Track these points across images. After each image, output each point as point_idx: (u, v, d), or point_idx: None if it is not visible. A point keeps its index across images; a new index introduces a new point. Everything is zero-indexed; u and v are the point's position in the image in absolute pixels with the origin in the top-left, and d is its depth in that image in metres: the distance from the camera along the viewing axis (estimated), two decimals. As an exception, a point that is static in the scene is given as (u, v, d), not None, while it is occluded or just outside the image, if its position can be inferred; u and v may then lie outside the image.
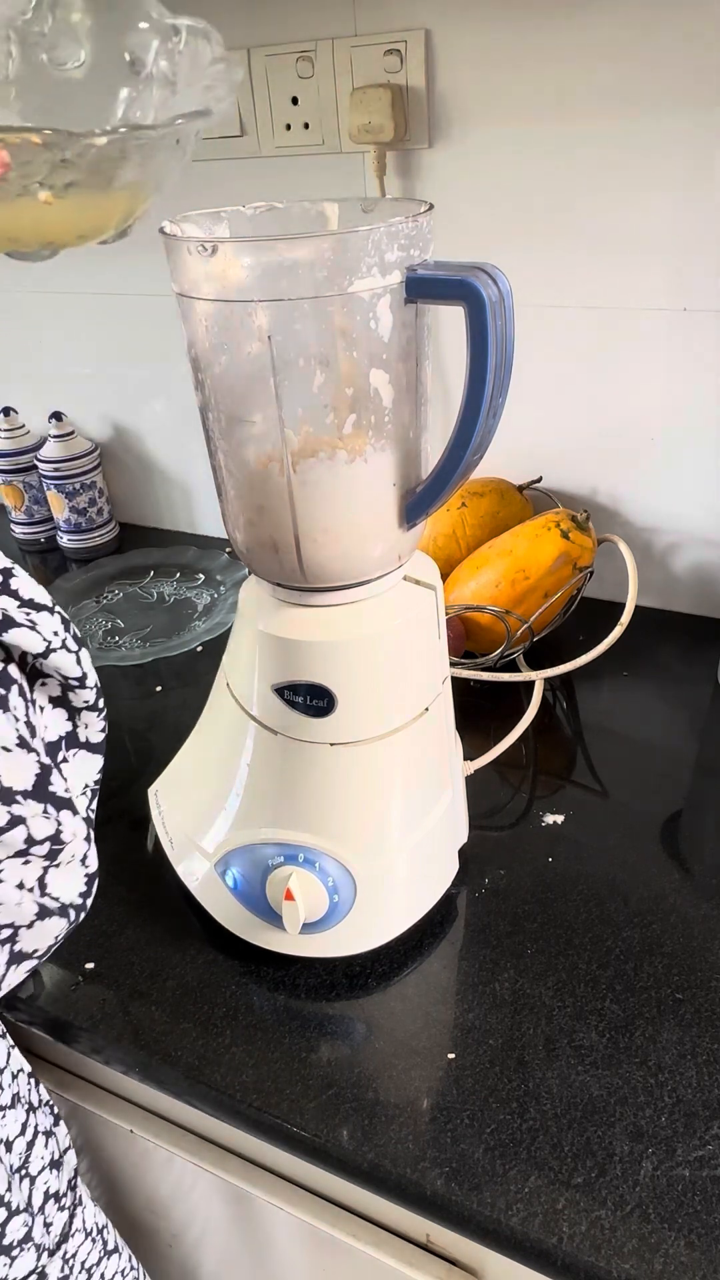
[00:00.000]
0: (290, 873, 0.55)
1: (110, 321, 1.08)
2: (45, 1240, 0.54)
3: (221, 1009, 0.57)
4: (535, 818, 0.70)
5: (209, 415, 0.51)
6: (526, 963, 0.59)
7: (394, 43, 0.79)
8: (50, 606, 0.36)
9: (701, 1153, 0.48)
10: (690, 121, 0.73)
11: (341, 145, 0.85)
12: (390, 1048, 0.54)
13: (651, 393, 0.85)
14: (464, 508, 0.90)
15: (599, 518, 0.92)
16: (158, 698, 0.87)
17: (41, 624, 0.35)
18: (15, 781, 0.32)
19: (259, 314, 0.45)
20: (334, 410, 0.47)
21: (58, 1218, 0.55)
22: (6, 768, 0.32)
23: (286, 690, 0.53)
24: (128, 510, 1.24)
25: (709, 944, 0.59)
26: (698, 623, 0.92)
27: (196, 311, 0.47)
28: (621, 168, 0.77)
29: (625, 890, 0.63)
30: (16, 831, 0.32)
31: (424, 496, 0.51)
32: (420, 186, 0.85)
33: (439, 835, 0.61)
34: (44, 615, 0.35)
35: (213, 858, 0.60)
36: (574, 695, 0.84)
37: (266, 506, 0.51)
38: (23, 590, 0.34)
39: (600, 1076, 0.52)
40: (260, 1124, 0.52)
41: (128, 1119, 0.64)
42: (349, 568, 0.52)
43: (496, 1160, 0.49)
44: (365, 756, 0.55)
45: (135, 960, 0.61)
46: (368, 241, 0.43)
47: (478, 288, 0.43)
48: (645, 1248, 0.45)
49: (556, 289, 0.84)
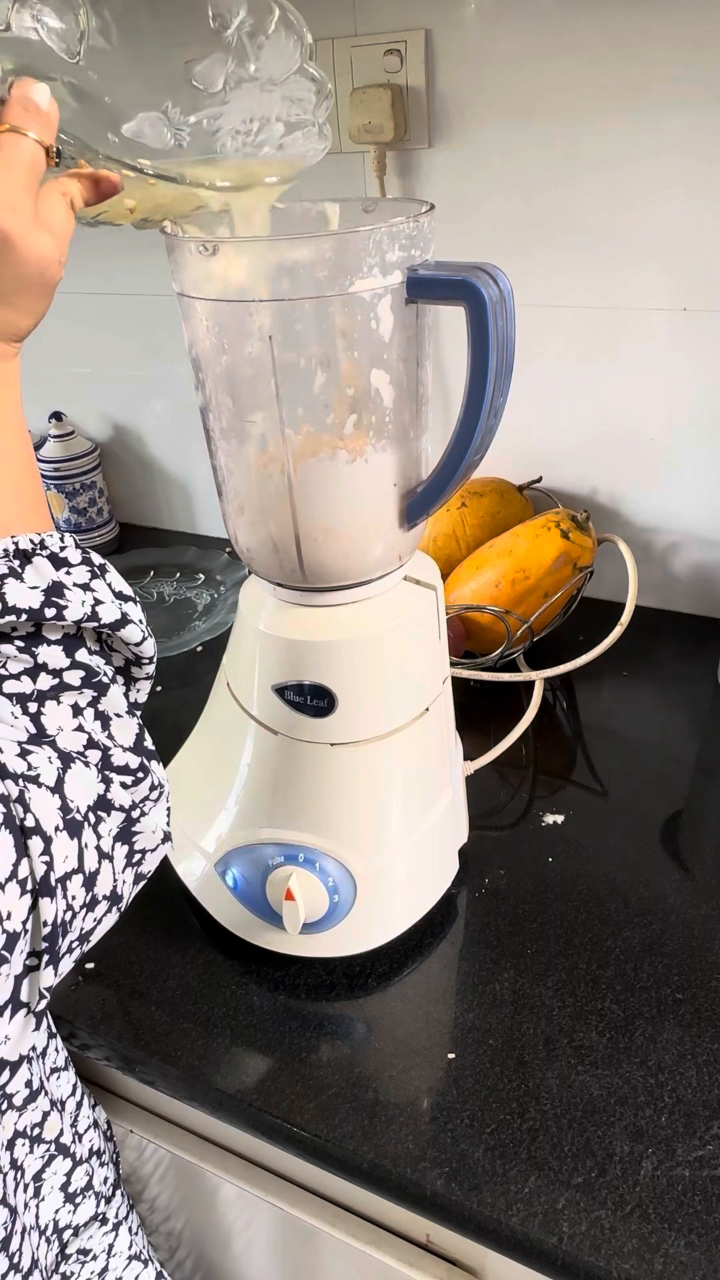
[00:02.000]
0: (290, 873, 0.55)
1: (110, 321, 1.08)
2: (104, 1189, 0.58)
3: (221, 1009, 0.57)
4: (535, 818, 0.70)
5: (209, 415, 0.51)
6: (526, 963, 0.59)
7: (394, 43, 0.79)
8: (134, 597, 0.41)
9: (701, 1153, 0.48)
10: (690, 121, 0.73)
11: (341, 145, 0.85)
12: (390, 1048, 0.54)
13: (651, 393, 0.85)
14: (464, 508, 0.90)
15: (599, 518, 0.92)
16: (158, 698, 0.87)
17: (133, 615, 0.40)
18: (126, 740, 0.39)
19: (260, 314, 0.45)
20: (334, 410, 0.47)
21: (100, 1171, 0.58)
22: (119, 730, 0.39)
23: (287, 690, 0.53)
24: (128, 510, 1.24)
25: (709, 944, 0.59)
26: (698, 623, 0.92)
27: (197, 311, 0.47)
28: (622, 168, 0.77)
29: (625, 890, 0.63)
30: (147, 780, 0.40)
31: (424, 496, 0.51)
32: (420, 186, 0.85)
33: (439, 835, 0.61)
34: (133, 607, 0.41)
35: (213, 858, 0.60)
36: (574, 695, 0.84)
37: (267, 506, 0.51)
38: (115, 584, 0.40)
39: (600, 1076, 0.52)
40: (260, 1124, 0.52)
41: (128, 1119, 0.64)
42: (349, 568, 0.52)
43: (496, 1160, 0.49)
44: (366, 757, 0.55)
45: (135, 960, 0.61)
46: (368, 242, 0.43)
47: (478, 288, 0.43)
48: (645, 1248, 0.45)
49: (556, 289, 0.84)
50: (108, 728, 0.39)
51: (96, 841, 0.36)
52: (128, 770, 0.39)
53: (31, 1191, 0.52)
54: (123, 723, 0.40)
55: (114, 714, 0.40)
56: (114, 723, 0.39)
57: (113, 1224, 0.59)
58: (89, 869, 0.36)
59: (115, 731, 0.39)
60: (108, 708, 0.39)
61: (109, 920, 0.38)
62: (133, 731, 0.40)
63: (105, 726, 0.39)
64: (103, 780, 0.37)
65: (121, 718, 0.40)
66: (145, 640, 0.41)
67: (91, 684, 0.39)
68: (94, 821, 0.36)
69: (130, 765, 0.39)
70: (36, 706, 0.37)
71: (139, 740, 0.40)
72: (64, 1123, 0.54)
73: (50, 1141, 0.53)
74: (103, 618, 0.39)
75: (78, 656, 0.39)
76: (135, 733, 0.40)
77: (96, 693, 0.39)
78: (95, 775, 0.37)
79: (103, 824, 0.37)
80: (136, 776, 0.39)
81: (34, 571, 0.37)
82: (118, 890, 0.38)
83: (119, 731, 0.39)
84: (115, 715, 0.40)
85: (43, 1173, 0.53)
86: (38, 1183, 0.53)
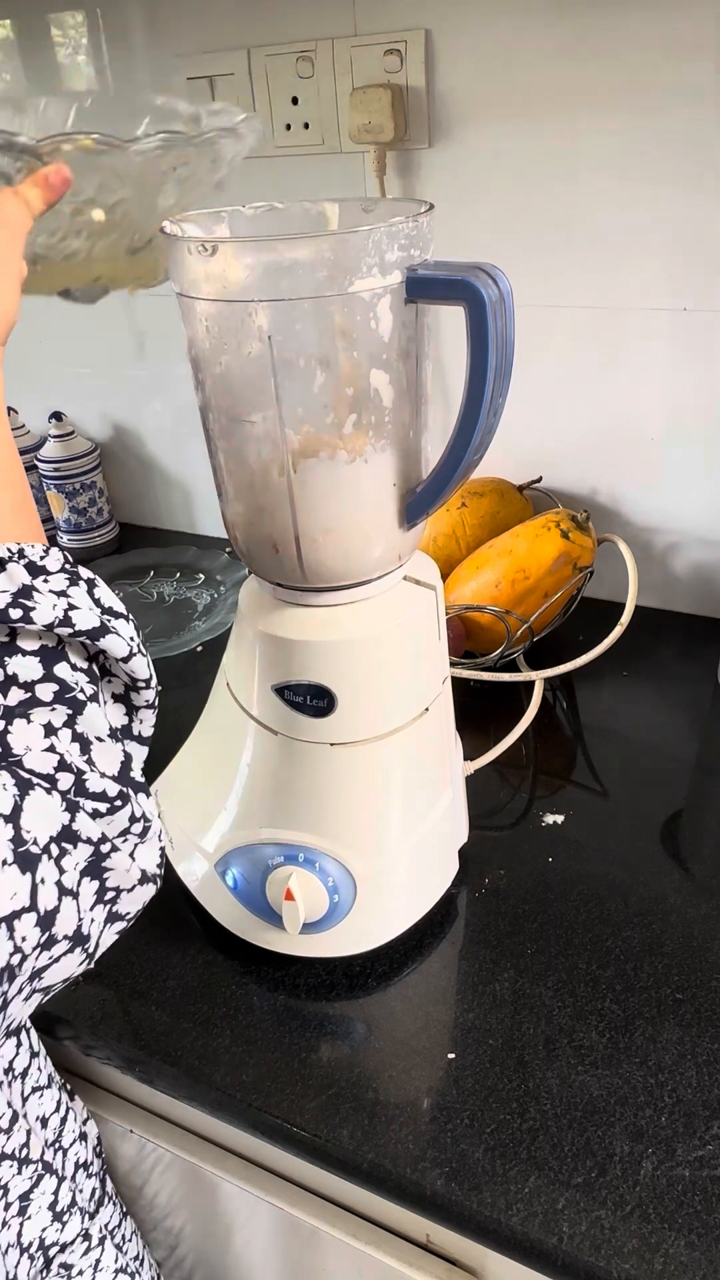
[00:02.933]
0: (290, 873, 0.55)
1: (110, 321, 1.08)
2: (89, 1206, 0.57)
3: (221, 1009, 0.57)
4: (535, 818, 0.70)
5: (209, 415, 0.51)
6: (526, 963, 0.59)
7: (394, 43, 0.79)
8: (126, 615, 0.40)
9: (701, 1153, 0.48)
10: (690, 121, 0.73)
11: (341, 145, 0.85)
12: (390, 1048, 0.54)
13: (651, 393, 0.85)
14: (464, 508, 0.90)
15: (599, 518, 0.92)
16: (158, 698, 0.87)
17: (121, 630, 0.38)
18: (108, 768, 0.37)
19: (259, 314, 0.45)
20: (334, 410, 0.47)
21: (87, 1185, 0.57)
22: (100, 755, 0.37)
23: (286, 690, 0.53)
24: (128, 510, 1.24)
25: (709, 944, 0.59)
26: (698, 623, 0.92)
27: (197, 311, 0.47)
28: (622, 167, 0.77)
29: (625, 890, 0.63)
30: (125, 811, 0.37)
31: (424, 496, 0.51)
32: (420, 186, 0.85)
33: (439, 835, 0.61)
34: (122, 623, 0.39)
35: (213, 858, 0.60)
36: (574, 695, 0.84)
37: (266, 506, 0.51)
38: (104, 599, 0.39)
39: (600, 1076, 0.52)
40: (260, 1124, 0.52)
41: (128, 1119, 0.64)
42: (349, 568, 0.52)
43: (496, 1160, 0.49)
44: (365, 756, 0.55)
45: (135, 960, 0.61)
46: (368, 241, 0.43)
47: (478, 288, 0.43)
48: (645, 1248, 0.45)
49: (556, 289, 0.84)
50: (87, 751, 0.36)
51: (58, 876, 0.34)
52: (104, 798, 0.36)
53: (15, 1210, 0.52)
54: (105, 748, 0.37)
55: (95, 737, 0.37)
56: (95, 747, 0.37)
57: (98, 1239, 0.58)
58: (45, 907, 0.33)
59: (97, 756, 0.36)
60: (86, 729, 0.37)
61: (70, 961, 0.35)
62: (117, 759, 0.37)
63: (85, 750, 0.36)
64: (68, 809, 0.34)
65: (104, 742, 0.37)
66: (134, 656, 0.39)
67: (65, 700, 0.36)
68: (56, 854, 0.34)
69: (108, 793, 0.36)
70: (3, 724, 0.35)
71: (124, 769, 0.38)
72: (46, 1139, 0.54)
73: (37, 1161, 0.52)
74: (78, 624, 0.37)
75: (55, 670, 0.36)
76: (120, 760, 0.38)
77: (71, 710, 0.36)
78: (59, 803, 0.34)
79: (67, 857, 0.34)
80: (113, 805, 0.36)
81: (5, 577, 0.36)
82: (83, 930, 0.35)
83: (101, 757, 0.37)
84: (97, 739, 0.37)
85: (30, 1193, 0.52)
86: (24, 1202, 0.52)
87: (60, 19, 0.92)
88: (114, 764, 0.37)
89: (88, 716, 0.37)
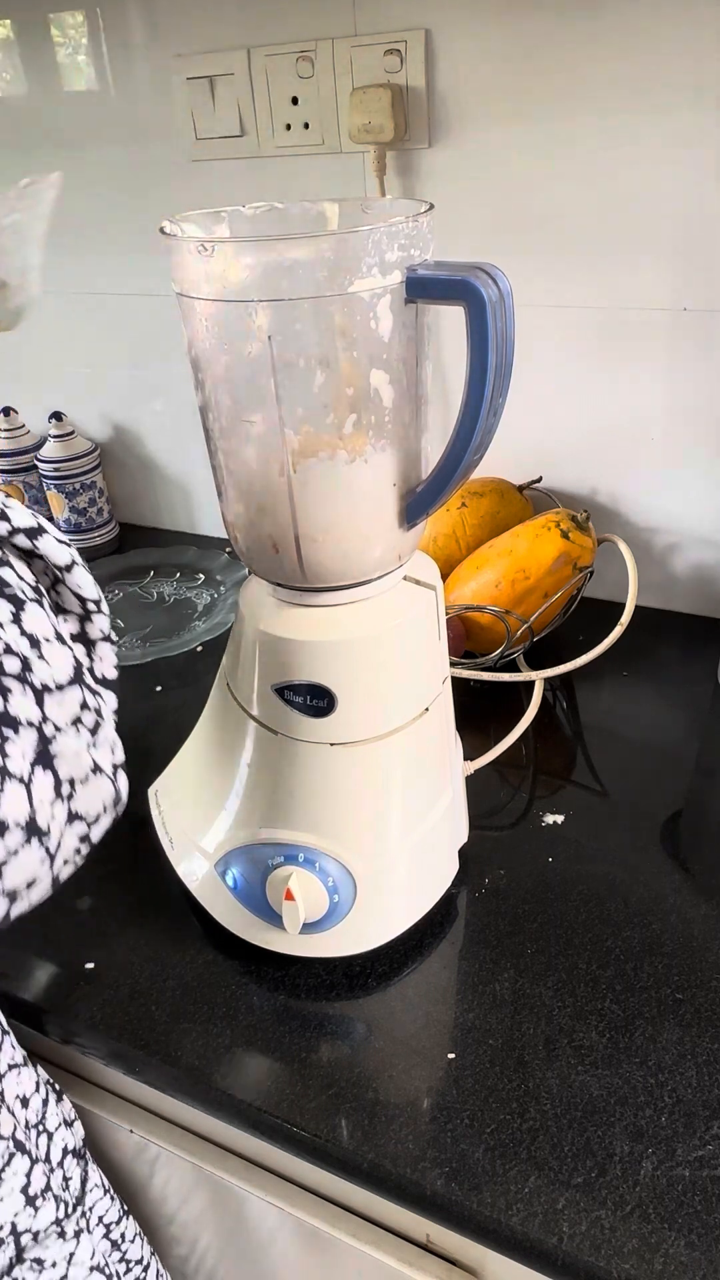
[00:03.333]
0: (290, 873, 0.55)
1: (110, 321, 1.08)
2: (65, 1195, 0.56)
3: (221, 1009, 0.57)
4: (535, 818, 0.70)
5: (209, 415, 0.51)
6: (526, 963, 0.59)
7: (394, 43, 0.79)
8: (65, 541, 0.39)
9: (701, 1153, 0.48)
10: (690, 121, 0.73)
11: (341, 145, 0.85)
12: (390, 1048, 0.54)
13: (651, 393, 0.85)
14: (464, 508, 0.90)
15: (599, 518, 0.92)
16: (158, 698, 0.87)
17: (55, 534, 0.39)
18: (59, 664, 0.37)
19: (259, 314, 0.45)
20: (334, 410, 0.47)
21: (75, 1170, 0.57)
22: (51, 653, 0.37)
23: (286, 690, 0.53)
24: (128, 510, 1.24)
25: (709, 944, 0.59)
26: (698, 623, 0.92)
27: (196, 311, 0.47)
28: (621, 168, 0.77)
29: (625, 890, 0.63)
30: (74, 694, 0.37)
31: (424, 496, 0.51)
32: (420, 186, 0.85)
33: (439, 835, 0.61)
34: (55, 529, 0.39)
35: (213, 858, 0.60)
36: (574, 695, 0.84)
37: (266, 506, 0.51)
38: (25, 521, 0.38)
39: (600, 1076, 0.52)
40: (260, 1124, 0.52)
41: (128, 1119, 0.64)
42: (349, 568, 0.52)
43: (496, 1160, 0.49)
44: (365, 756, 0.55)
45: (135, 960, 0.61)
46: (368, 241, 0.43)
47: (478, 288, 0.43)
48: (645, 1248, 0.45)
49: (556, 289, 0.84)
50: (37, 647, 0.36)
51: (1, 762, 0.33)
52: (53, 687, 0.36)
53: None
54: (55, 649, 0.37)
55: (44, 638, 0.37)
56: (44, 645, 0.37)
57: (73, 1233, 0.57)
58: None
59: (47, 653, 0.37)
60: (34, 629, 0.36)
61: (29, 857, 0.34)
62: (69, 659, 0.37)
63: (34, 646, 0.36)
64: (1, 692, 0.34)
65: (51, 643, 0.37)
66: (76, 566, 0.39)
67: (4, 595, 0.36)
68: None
69: (58, 681, 0.36)
70: None
71: (78, 670, 0.37)
72: (28, 1120, 0.53)
73: (7, 1138, 0.51)
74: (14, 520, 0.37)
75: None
76: (73, 664, 0.37)
77: (14, 608, 0.36)
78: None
79: (10, 743, 0.34)
80: (60, 685, 0.36)
81: None
82: (38, 822, 0.35)
83: (52, 655, 0.37)
84: (45, 639, 0.37)
85: (1, 1172, 0.51)
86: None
87: (60, 19, 0.93)
88: (66, 663, 0.37)
89: (30, 614, 0.37)
